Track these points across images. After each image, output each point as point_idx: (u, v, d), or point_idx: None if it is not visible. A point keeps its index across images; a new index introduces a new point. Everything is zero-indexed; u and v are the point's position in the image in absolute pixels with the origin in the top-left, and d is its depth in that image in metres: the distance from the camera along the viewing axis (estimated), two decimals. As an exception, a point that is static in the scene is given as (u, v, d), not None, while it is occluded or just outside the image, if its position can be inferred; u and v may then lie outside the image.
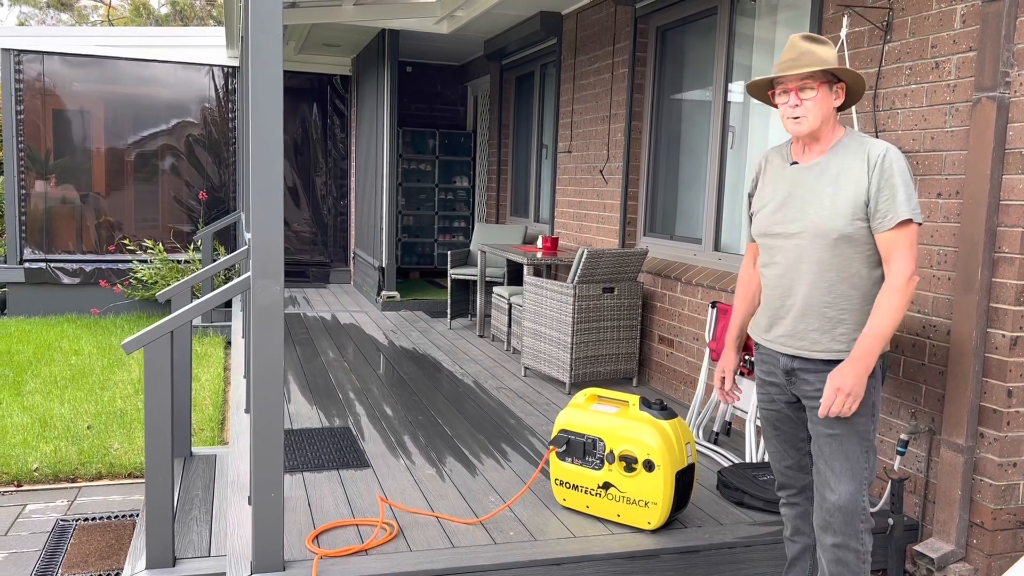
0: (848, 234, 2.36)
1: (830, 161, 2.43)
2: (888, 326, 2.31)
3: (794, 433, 2.64)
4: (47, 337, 8.00)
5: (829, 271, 2.41)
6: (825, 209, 2.39)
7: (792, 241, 2.45)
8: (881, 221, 2.34)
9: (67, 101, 9.44)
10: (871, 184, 2.35)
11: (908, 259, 2.33)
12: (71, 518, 4.06)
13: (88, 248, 9.63)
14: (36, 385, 6.27)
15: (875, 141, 2.41)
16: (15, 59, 9.11)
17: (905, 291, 2.31)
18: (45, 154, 9.44)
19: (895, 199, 2.33)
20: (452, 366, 5.86)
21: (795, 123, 2.42)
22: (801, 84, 2.39)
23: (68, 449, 4.88)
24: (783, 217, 2.48)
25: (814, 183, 2.44)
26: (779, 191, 2.52)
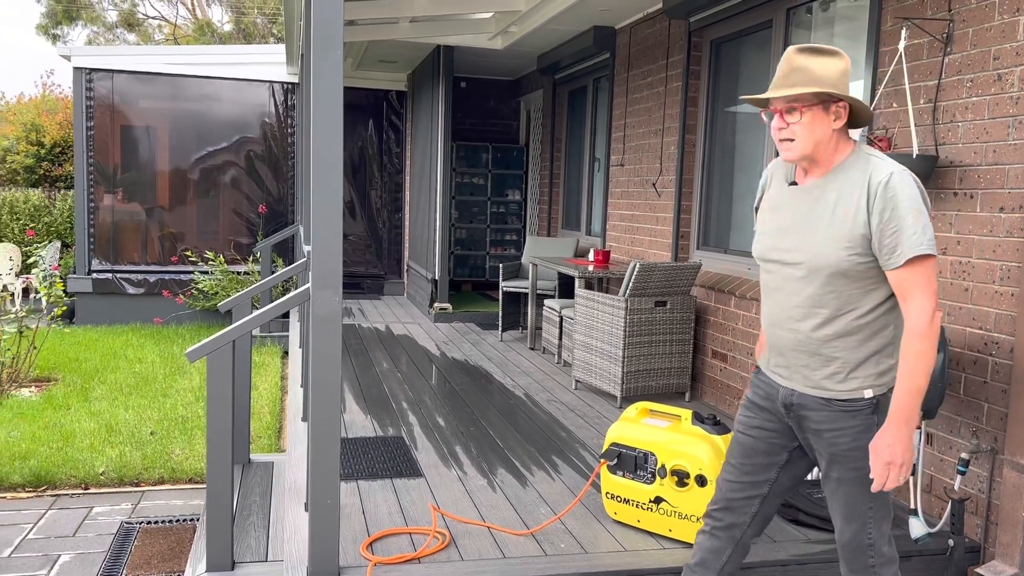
0: (843, 270, 2.13)
1: (828, 185, 2.18)
2: (921, 375, 2.07)
3: (764, 466, 2.39)
4: (113, 345, 8.27)
5: (822, 307, 2.19)
6: (820, 241, 2.16)
7: (787, 270, 2.25)
8: (889, 258, 2.09)
9: (134, 117, 9.79)
10: (872, 216, 2.09)
11: (927, 297, 2.07)
12: (135, 521, 4.19)
13: (152, 259, 9.95)
14: (102, 392, 6.49)
15: (880, 164, 2.12)
16: (87, 77, 9.48)
17: (930, 333, 2.07)
18: (113, 169, 9.79)
19: (902, 233, 2.06)
20: (503, 378, 5.90)
21: (784, 147, 2.20)
22: (787, 106, 2.15)
23: (132, 454, 5.04)
24: (779, 243, 2.27)
25: (810, 209, 2.20)
26: (778, 214, 2.30)
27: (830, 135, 2.16)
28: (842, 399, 2.22)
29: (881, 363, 2.22)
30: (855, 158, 2.18)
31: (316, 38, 2.64)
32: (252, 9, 29.57)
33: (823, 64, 2.13)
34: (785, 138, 2.18)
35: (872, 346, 2.21)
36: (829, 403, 2.23)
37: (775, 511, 2.45)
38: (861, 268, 2.13)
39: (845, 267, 2.13)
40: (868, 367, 2.22)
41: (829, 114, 2.15)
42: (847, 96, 2.13)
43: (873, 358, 2.21)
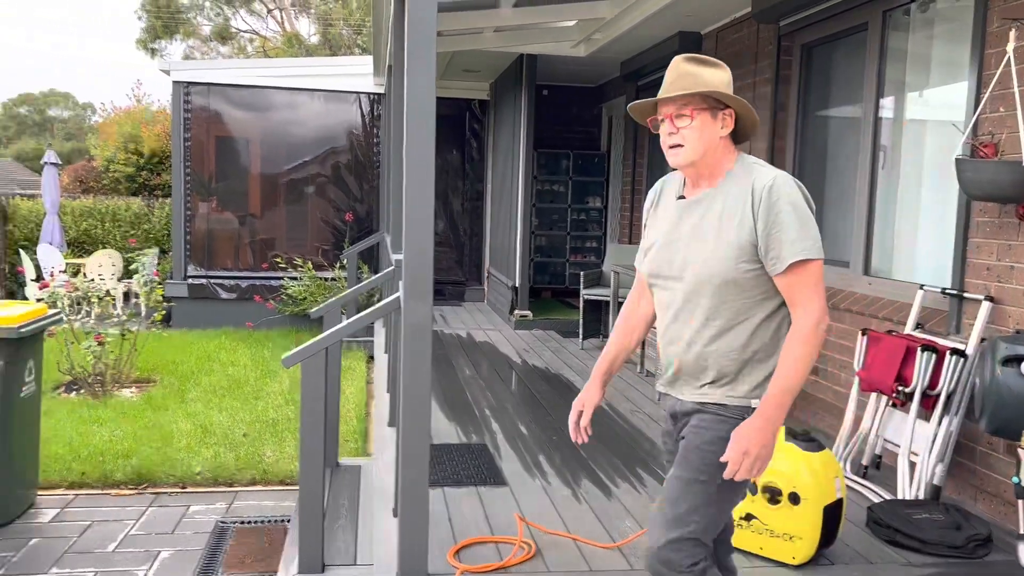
0: (733, 279, 2.11)
1: (715, 196, 2.17)
2: (798, 377, 2.04)
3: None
4: (207, 348, 8.58)
5: (716, 319, 2.15)
6: (708, 252, 2.13)
7: (678, 284, 2.20)
8: (775, 264, 2.08)
9: (228, 129, 10.16)
10: (757, 222, 2.08)
11: (813, 301, 2.06)
12: (229, 520, 4.33)
13: (244, 266, 10.29)
14: (197, 394, 6.74)
15: (763, 171, 2.13)
16: (184, 91, 9.89)
17: (814, 338, 2.05)
18: (208, 178, 10.18)
19: (784, 238, 2.06)
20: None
21: (672, 153, 2.17)
22: (677, 111, 2.13)
23: (226, 455, 5.21)
24: (669, 257, 2.22)
25: (699, 221, 2.18)
26: (668, 229, 2.25)
27: (718, 142, 2.16)
28: (713, 402, 2.19)
29: (766, 375, 2.19)
30: (740, 168, 2.18)
31: (410, 50, 2.69)
32: (338, 21, 30.35)
33: (710, 72, 2.15)
34: (675, 144, 2.16)
35: (764, 355, 2.18)
36: (703, 407, 2.21)
37: (731, 523, 2.40)
38: (751, 276, 2.12)
39: (734, 276, 2.11)
40: (759, 376, 2.18)
41: (717, 121, 2.16)
42: (735, 102, 2.15)
43: (766, 367, 2.18)
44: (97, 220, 12.63)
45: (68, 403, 6.28)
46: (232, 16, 32.35)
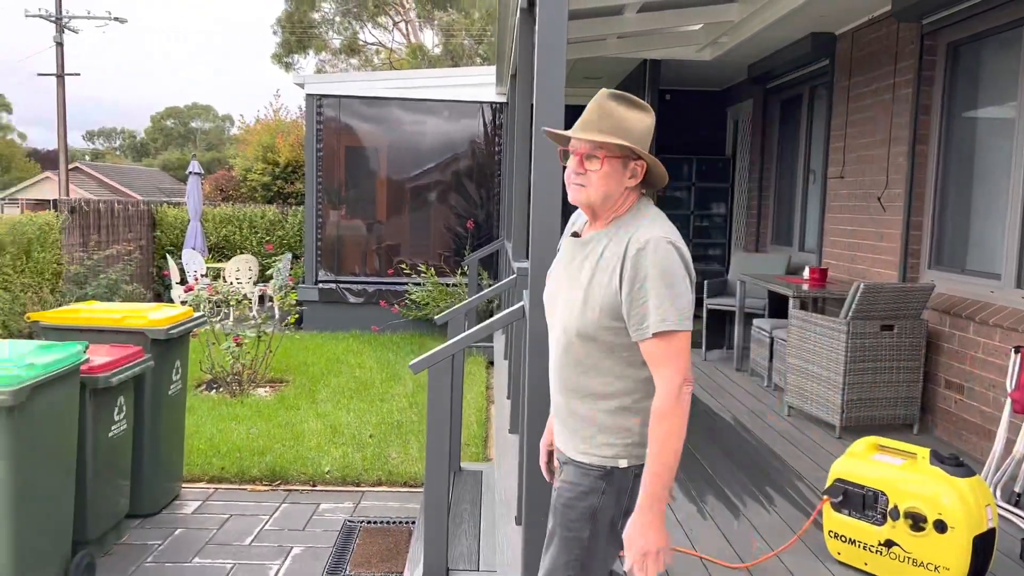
0: (592, 336, 2.01)
1: (600, 240, 2.06)
2: (670, 455, 1.90)
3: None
4: (335, 351, 8.91)
5: (575, 369, 2.06)
6: (572, 301, 2.05)
7: (553, 320, 2.14)
8: (637, 329, 1.95)
9: (357, 139, 10.53)
10: (623, 286, 1.96)
11: (673, 374, 1.92)
12: (356, 520, 4.46)
13: (371, 271, 10.63)
14: (327, 394, 7.00)
15: (643, 230, 1.98)
16: (317, 103, 10.32)
17: (676, 411, 1.90)
18: (338, 187, 10.58)
19: (647, 306, 1.93)
20: (708, 400, 5.72)
21: (574, 189, 2.06)
22: (589, 152, 2.02)
23: (354, 455, 5.38)
24: (549, 298, 2.17)
25: (578, 266, 2.08)
26: (557, 264, 2.19)
27: (621, 191, 2.05)
28: (580, 461, 2.09)
29: (638, 435, 2.05)
30: (631, 216, 2.06)
31: (540, 59, 2.70)
32: (460, 31, 30.96)
33: (634, 118, 2.03)
34: (579, 183, 2.05)
35: (628, 415, 2.04)
36: (571, 461, 2.13)
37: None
38: (607, 335, 2.00)
39: (588, 331, 2.01)
40: (626, 436, 2.05)
41: (627, 171, 2.04)
42: (649, 157, 2.04)
43: (629, 429, 2.05)
44: (235, 226, 13.35)
45: (208, 401, 6.65)
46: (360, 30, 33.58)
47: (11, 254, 8.36)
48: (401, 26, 33.51)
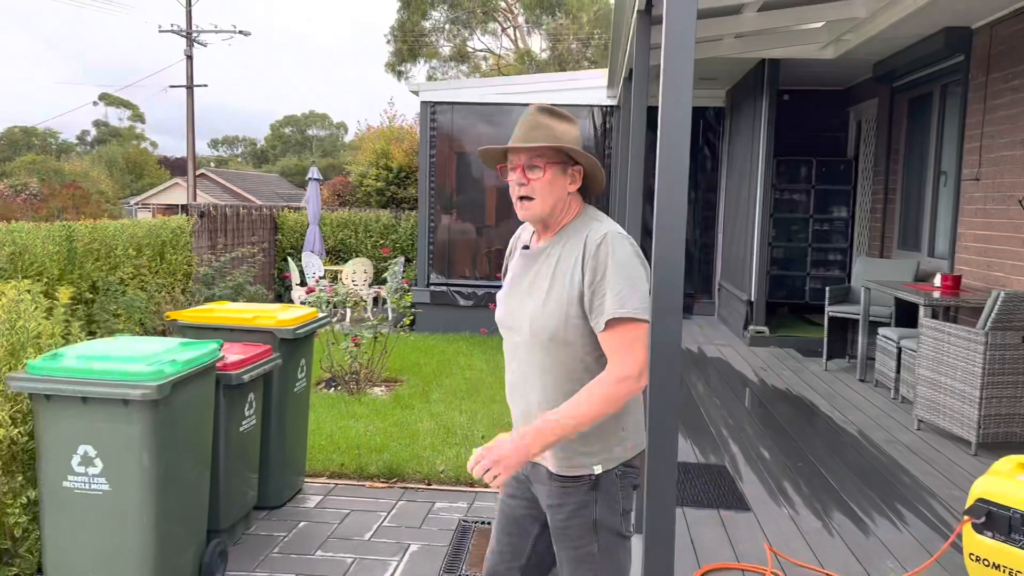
0: (564, 336, 2.05)
1: (553, 248, 2.15)
2: (581, 415, 1.97)
3: (520, 535, 2.30)
4: (446, 352, 9.06)
5: (548, 374, 2.09)
6: (539, 306, 2.09)
7: (516, 337, 2.16)
8: (596, 320, 2.03)
9: (467, 144, 10.69)
10: (585, 277, 2.05)
11: (626, 360, 1.99)
12: (471, 520, 4.51)
13: (481, 274, 10.76)
14: (439, 395, 7.12)
15: (599, 225, 2.09)
16: (431, 110, 10.53)
17: (613, 389, 1.98)
18: (450, 192, 10.76)
19: (606, 296, 2.02)
20: (830, 411, 5.51)
21: (523, 206, 2.11)
22: (529, 161, 2.08)
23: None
24: (511, 308, 2.19)
25: (536, 273, 2.15)
26: (512, 277, 2.24)
27: (566, 197, 2.13)
28: (565, 475, 2.10)
29: (610, 437, 2.11)
30: (580, 221, 2.15)
31: (666, 60, 2.66)
32: (567, 36, 31.00)
33: (563, 128, 2.11)
34: (525, 195, 2.10)
35: (607, 418, 2.07)
36: (553, 478, 2.12)
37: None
38: (577, 332, 2.06)
39: (564, 332, 2.06)
40: (596, 441, 2.09)
41: (566, 176, 2.12)
42: (585, 159, 2.11)
43: (601, 431, 2.08)
44: (351, 230, 13.77)
45: (328, 398, 6.88)
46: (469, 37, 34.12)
47: (147, 256, 8.90)
48: (509, 32, 33.84)
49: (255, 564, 3.90)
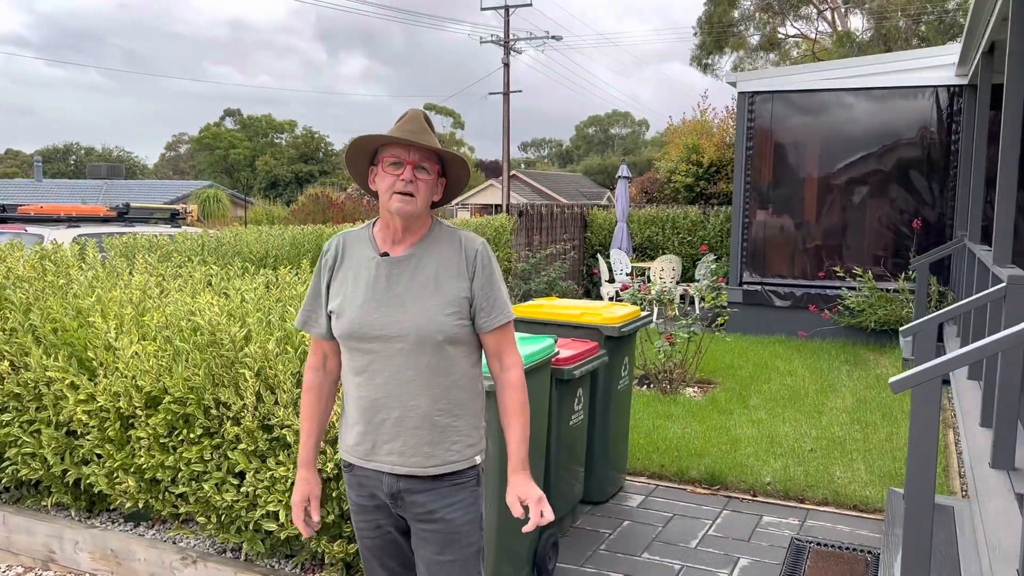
0: (454, 335, 2.18)
1: (424, 253, 2.22)
2: (528, 423, 2.25)
3: (402, 564, 2.34)
4: (761, 355, 8.62)
5: (439, 376, 2.18)
6: (429, 309, 2.16)
7: (395, 345, 2.16)
8: (487, 320, 2.23)
9: (786, 135, 10.08)
10: (474, 281, 2.21)
11: (515, 355, 2.28)
12: (804, 539, 4.19)
13: (798, 274, 10.12)
14: (758, 401, 6.77)
15: (465, 233, 2.25)
16: (749, 100, 10.09)
17: (523, 380, 2.26)
18: (766, 186, 10.24)
19: (500, 298, 2.25)
20: None
21: (404, 201, 2.13)
22: (421, 161, 2.15)
23: (794, 469, 5.09)
24: (381, 318, 2.17)
25: (411, 278, 2.19)
26: (370, 286, 2.19)
27: (429, 204, 2.22)
28: (453, 472, 2.21)
29: (481, 427, 2.29)
30: (440, 228, 2.25)
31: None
32: (895, 12, 28.25)
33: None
34: (409, 192, 2.12)
35: (477, 410, 2.27)
36: (439, 480, 2.20)
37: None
38: (464, 332, 2.19)
39: (453, 332, 2.16)
40: (475, 433, 2.26)
41: (437, 185, 2.23)
42: (462, 177, 2.27)
43: (476, 422, 2.27)
44: (658, 227, 13.70)
45: (642, 396, 6.84)
46: (781, 23, 32.44)
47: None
48: (827, 14, 31.63)
49: (583, 559, 3.94)
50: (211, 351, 3.46)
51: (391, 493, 2.23)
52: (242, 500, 3.45)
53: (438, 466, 2.20)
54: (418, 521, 2.24)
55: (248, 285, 4.05)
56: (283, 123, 59.95)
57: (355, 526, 2.35)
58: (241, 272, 4.98)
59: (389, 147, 2.16)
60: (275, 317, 3.56)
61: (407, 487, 2.21)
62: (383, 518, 2.29)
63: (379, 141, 2.17)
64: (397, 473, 2.21)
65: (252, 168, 53.47)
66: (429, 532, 2.22)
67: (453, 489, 2.23)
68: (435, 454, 2.20)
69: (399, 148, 2.15)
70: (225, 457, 3.49)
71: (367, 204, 16.86)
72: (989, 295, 4.18)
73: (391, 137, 2.13)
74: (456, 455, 2.22)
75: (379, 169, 2.18)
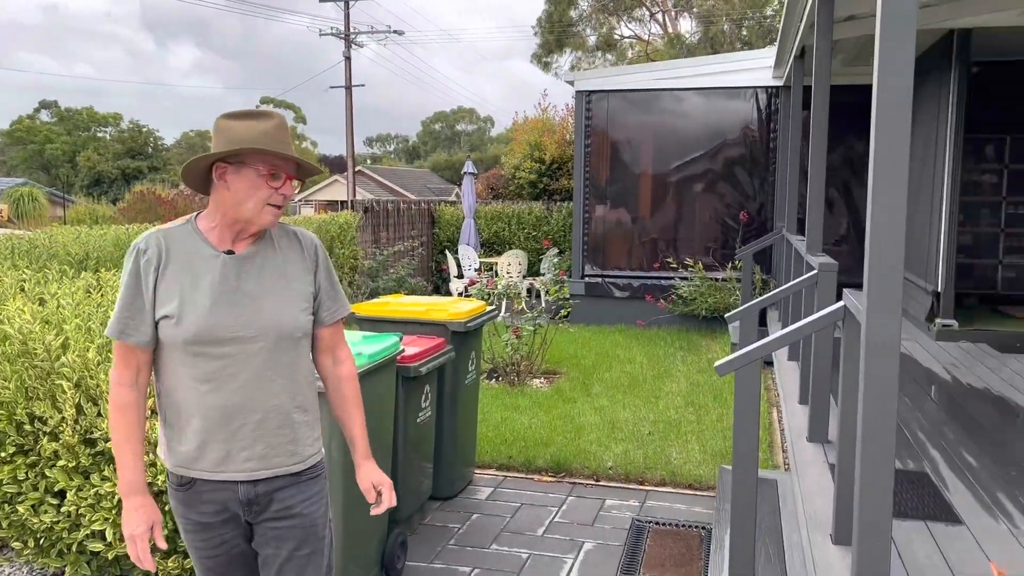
0: (306, 330, 2.21)
1: (268, 250, 2.18)
2: (363, 408, 2.37)
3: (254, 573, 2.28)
4: (603, 345, 8.94)
5: (294, 372, 2.18)
6: (286, 305, 2.15)
7: (252, 346, 2.09)
8: (330, 313, 2.29)
9: (621, 133, 10.48)
10: (317, 275, 2.25)
11: (347, 346, 2.37)
12: (644, 519, 4.38)
13: (636, 265, 10.55)
14: (600, 389, 7.01)
15: (299, 228, 2.28)
16: (586, 99, 10.41)
17: (356, 372, 2.38)
18: (604, 182, 10.60)
19: (340, 290, 2.33)
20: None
21: (273, 213, 2.11)
22: (292, 174, 2.15)
23: (635, 452, 5.32)
24: (235, 319, 2.08)
25: (260, 276, 2.14)
26: (217, 287, 2.08)
27: None
28: (311, 465, 2.23)
29: (320, 419, 2.31)
30: (277, 226, 2.24)
31: (882, 32, 2.42)
32: (721, 17, 29.97)
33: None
34: (279, 204, 2.12)
35: (317, 403, 2.29)
36: (299, 476, 2.21)
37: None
38: (309, 326, 2.22)
39: (305, 327, 2.19)
40: (319, 425, 2.30)
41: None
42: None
43: (319, 415, 2.30)
44: (505, 223, 13.89)
45: (491, 390, 6.92)
46: (616, 25, 33.68)
47: (317, 250, 9.31)
48: (658, 16, 33.13)
49: (432, 555, 3.94)
50: (23, 361, 3.19)
51: (247, 501, 2.15)
52: (63, 521, 3.21)
53: (300, 462, 2.20)
54: (275, 520, 2.18)
55: (66, 289, 3.77)
56: (107, 116, 56.04)
57: (192, 546, 2.21)
58: (59, 276, 4.63)
59: (264, 155, 2.07)
60: (96, 323, 3.33)
61: (266, 490, 2.16)
62: (230, 531, 2.19)
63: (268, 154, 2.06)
64: (255, 479, 2.14)
65: (73, 164, 49.68)
66: (286, 528, 2.18)
67: (310, 483, 2.23)
68: (297, 451, 2.19)
69: (280, 160, 2.10)
70: (42, 476, 3.23)
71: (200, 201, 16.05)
72: (803, 281, 4.52)
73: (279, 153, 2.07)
74: (311, 448, 2.25)
75: (242, 172, 2.07)
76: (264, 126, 2.08)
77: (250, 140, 2.05)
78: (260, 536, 2.21)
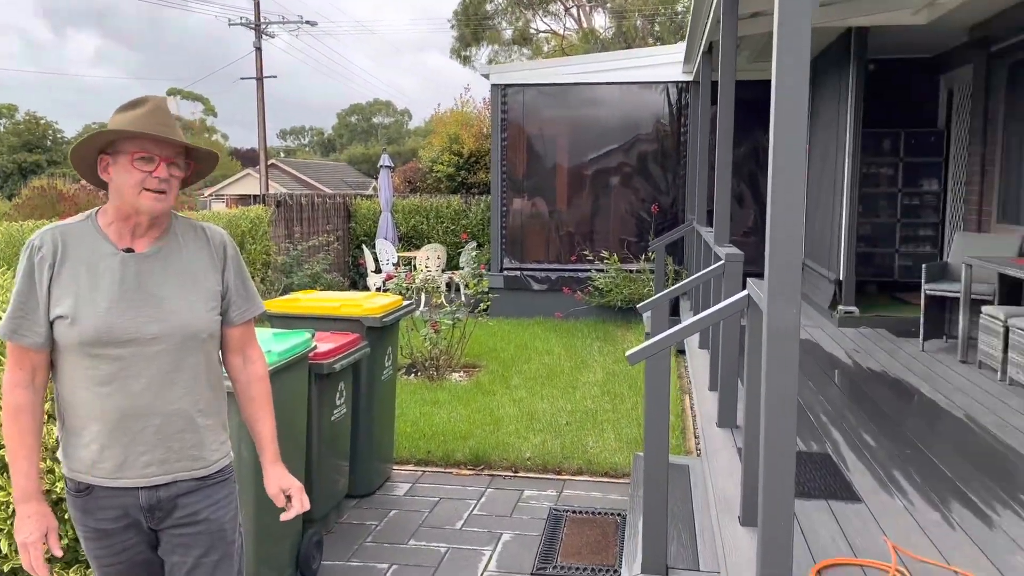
0: (212, 331, 2.13)
1: (172, 247, 2.10)
2: (273, 410, 2.29)
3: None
4: (522, 337, 8.99)
5: (199, 374, 2.10)
6: (192, 306, 2.08)
7: (153, 347, 2.02)
8: (239, 313, 2.22)
9: (540, 127, 10.56)
10: (226, 273, 2.18)
11: (259, 345, 2.32)
12: (562, 508, 4.44)
13: (553, 258, 10.65)
14: (519, 381, 7.06)
15: (206, 224, 2.21)
16: (502, 93, 10.43)
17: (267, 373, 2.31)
18: (521, 176, 10.66)
19: (253, 289, 2.27)
20: (933, 394, 5.24)
21: (157, 199, 2.00)
22: (175, 157, 2.04)
23: (552, 442, 5.37)
24: (135, 319, 2.00)
25: (163, 275, 2.07)
26: (117, 286, 2.01)
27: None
28: (218, 469, 2.17)
29: (227, 422, 2.25)
30: (178, 220, 2.17)
31: (780, 29, 2.50)
32: (633, 13, 30.45)
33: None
34: (163, 189, 2.01)
35: (224, 406, 2.23)
36: (204, 481, 2.14)
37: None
38: (218, 327, 2.15)
39: (212, 327, 2.12)
40: (225, 429, 2.23)
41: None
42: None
43: (225, 418, 2.23)
44: (423, 216, 13.80)
45: (409, 385, 6.89)
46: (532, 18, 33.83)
47: (229, 246, 9.07)
48: (573, 11, 33.44)
49: (349, 554, 3.90)
50: (-96, 368, 3.00)
51: (148, 507, 2.09)
52: (-47, 535, 3.04)
53: (205, 467, 2.14)
54: (180, 526, 2.13)
55: (-48, 291, 3.56)
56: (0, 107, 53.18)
57: (92, 555, 2.13)
58: (-55, 276, 4.36)
59: (135, 140, 1.99)
60: (-14, 325, 3.15)
61: (168, 495, 2.10)
62: (132, 538, 2.12)
63: (125, 135, 1.98)
64: (156, 484, 2.08)
65: (-37, 158, 46.97)
66: (192, 535, 2.13)
67: (216, 487, 2.17)
68: (202, 456, 2.13)
69: (149, 143, 2.00)
70: (-71, 488, 3.04)
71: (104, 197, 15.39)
72: (712, 271, 4.65)
73: (147, 133, 1.97)
74: (217, 453, 2.18)
75: (119, 161, 2.01)
76: (137, 112, 2.01)
77: (122, 127, 1.99)
78: (166, 543, 2.15)
